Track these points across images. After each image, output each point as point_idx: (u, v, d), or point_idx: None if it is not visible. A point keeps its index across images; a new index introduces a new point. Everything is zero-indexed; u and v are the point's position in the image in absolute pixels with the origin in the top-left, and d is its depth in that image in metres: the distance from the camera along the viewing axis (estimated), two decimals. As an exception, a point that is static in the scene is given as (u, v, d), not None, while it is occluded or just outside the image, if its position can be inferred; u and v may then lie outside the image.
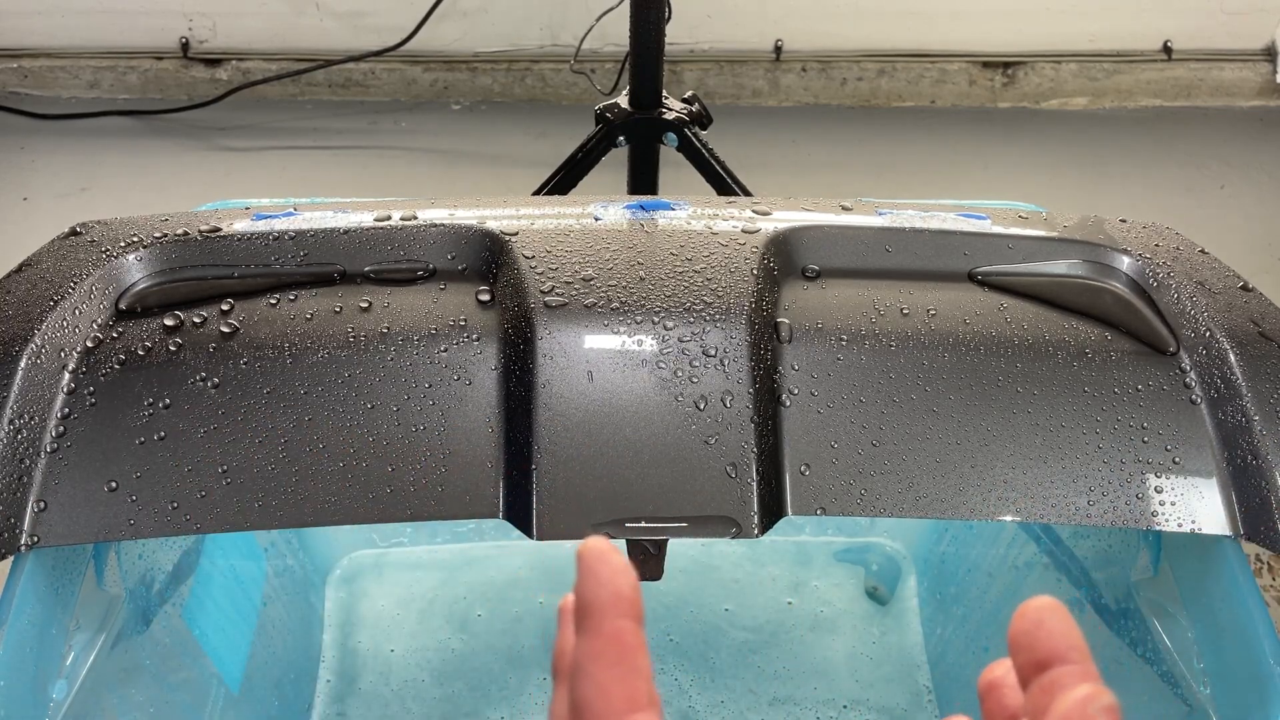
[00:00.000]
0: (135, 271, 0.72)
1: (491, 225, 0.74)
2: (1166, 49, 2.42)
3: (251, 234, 0.74)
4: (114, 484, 0.63)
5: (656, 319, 0.66)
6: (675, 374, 0.65)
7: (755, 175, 1.65)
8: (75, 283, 0.70)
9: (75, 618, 0.68)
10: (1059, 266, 0.76)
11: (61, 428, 0.64)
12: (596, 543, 0.31)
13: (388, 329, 0.67)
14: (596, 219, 0.76)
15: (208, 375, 0.65)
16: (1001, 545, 1.02)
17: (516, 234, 0.72)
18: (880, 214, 0.79)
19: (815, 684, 1.08)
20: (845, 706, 1.06)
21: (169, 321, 0.68)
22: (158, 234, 0.74)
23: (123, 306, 0.70)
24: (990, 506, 0.65)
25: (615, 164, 1.54)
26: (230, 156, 2.23)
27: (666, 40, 1.42)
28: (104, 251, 0.73)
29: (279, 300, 0.70)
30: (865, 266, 0.75)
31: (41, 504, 0.62)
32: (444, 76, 2.40)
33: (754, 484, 0.63)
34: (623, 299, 0.67)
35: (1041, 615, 0.31)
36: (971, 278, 0.75)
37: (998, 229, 0.78)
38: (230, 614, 0.93)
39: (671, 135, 1.47)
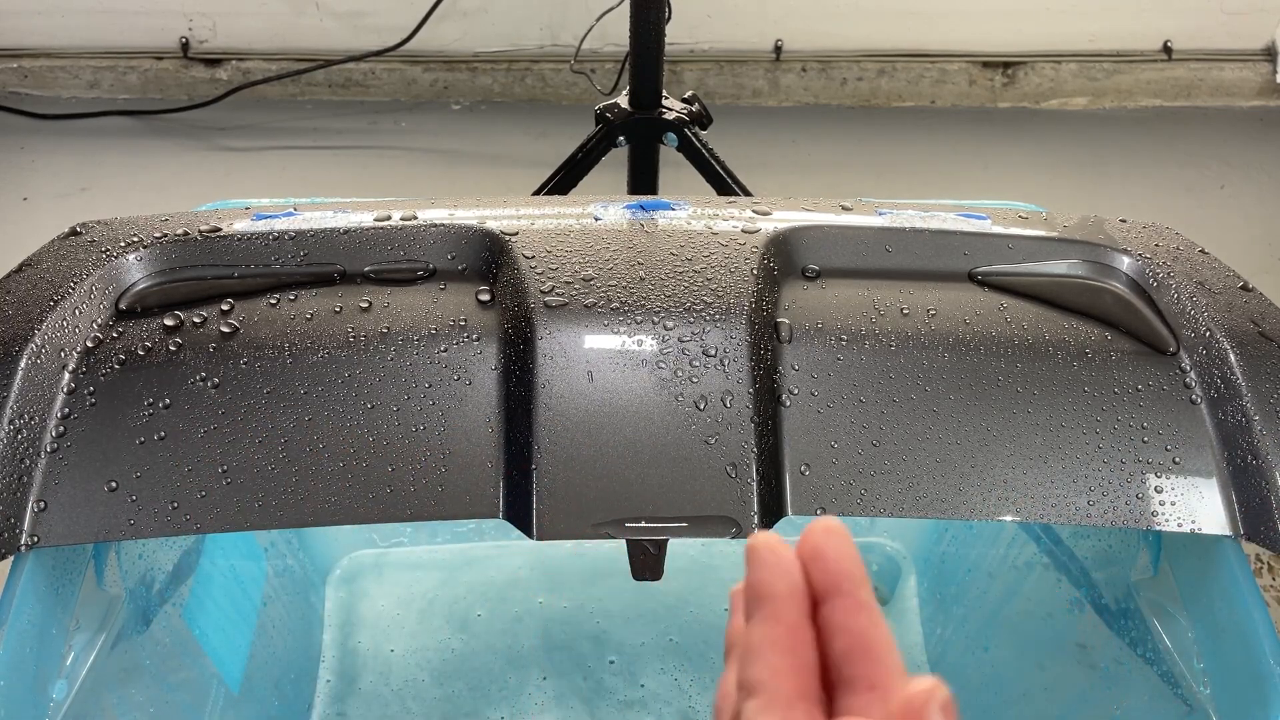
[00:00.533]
0: (135, 271, 0.72)
1: (491, 225, 0.74)
2: (1166, 49, 2.42)
3: (251, 234, 0.74)
4: (114, 484, 0.63)
5: (656, 319, 0.66)
6: (675, 374, 0.65)
7: (755, 175, 1.65)
8: (75, 283, 0.70)
9: (75, 618, 0.68)
10: (1059, 266, 0.76)
11: (61, 428, 0.64)
12: (768, 537, 0.31)
13: (388, 329, 0.67)
14: (596, 219, 0.76)
15: (208, 375, 0.65)
16: (1001, 545, 1.02)
17: (516, 234, 0.72)
18: (880, 214, 0.79)
19: (815, 684, 1.08)
20: (845, 706, 1.06)
21: (169, 321, 0.68)
22: (158, 234, 0.74)
23: (123, 306, 0.70)
24: (990, 506, 0.65)
25: (615, 164, 1.54)
26: (230, 156, 2.23)
27: (666, 40, 1.42)
28: (104, 251, 0.73)
29: (279, 300, 0.70)
30: (865, 266, 0.75)
31: (41, 504, 0.62)
32: (444, 76, 2.40)
33: (754, 484, 0.63)
34: (623, 299, 0.67)
35: (818, 540, 0.31)
36: (971, 278, 0.75)
37: (998, 229, 0.78)
38: (230, 614, 0.93)
39: (671, 135, 1.46)
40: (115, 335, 0.67)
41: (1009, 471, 0.66)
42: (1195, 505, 0.66)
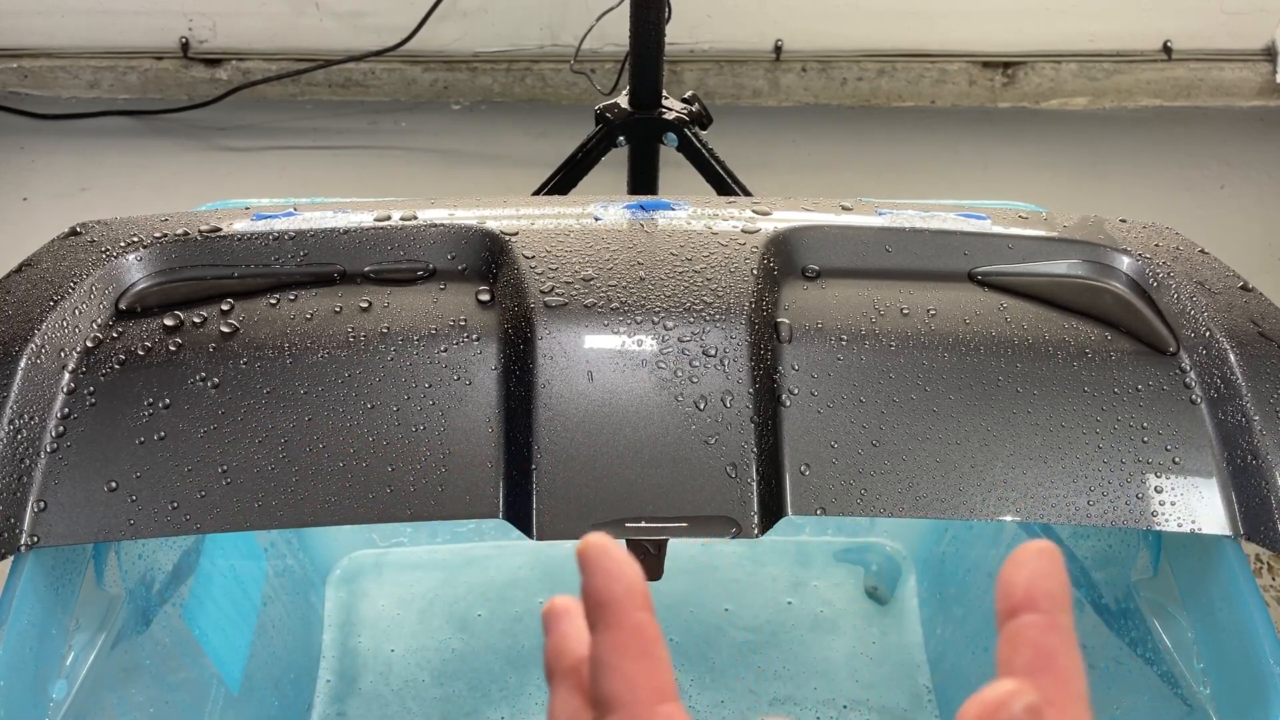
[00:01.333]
0: (135, 271, 0.72)
1: (491, 225, 0.74)
2: (1166, 49, 2.42)
3: (251, 234, 0.74)
4: (114, 484, 0.63)
5: (656, 319, 0.66)
6: (675, 374, 0.65)
7: (755, 175, 1.65)
8: (75, 283, 0.70)
9: (75, 618, 0.68)
10: (1059, 266, 0.77)
11: (61, 428, 0.64)
12: (597, 539, 0.30)
13: (388, 329, 0.67)
14: (596, 219, 0.76)
15: (208, 375, 0.65)
16: (1001, 545, 1.02)
17: (516, 234, 0.72)
18: (880, 214, 0.79)
19: (815, 684, 1.08)
20: (845, 706, 1.06)
21: (169, 321, 0.68)
22: (158, 234, 0.74)
23: (123, 306, 0.70)
24: (990, 506, 0.65)
25: (615, 164, 1.54)
26: (230, 156, 2.23)
27: (666, 40, 1.42)
28: (104, 251, 0.73)
29: (279, 300, 0.70)
30: (865, 266, 0.75)
31: (41, 504, 0.62)
32: (444, 76, 2.40)
33: (754, 484, 0.63)
34: (623, 299, 0.67)
35: (1027, 558, 0.29)
36: (971, 278, 0.75)
37: (998, 229, 0.78)
38: (230, 614, 0.93)
39: (671, 135, 1.47)
40: (115, 335, 0.67)
41: (1009, 471, 0.66)
42: (1195, 505, 0.66)
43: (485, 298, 0.70)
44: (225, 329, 0.68)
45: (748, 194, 1.49)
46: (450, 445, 0.64)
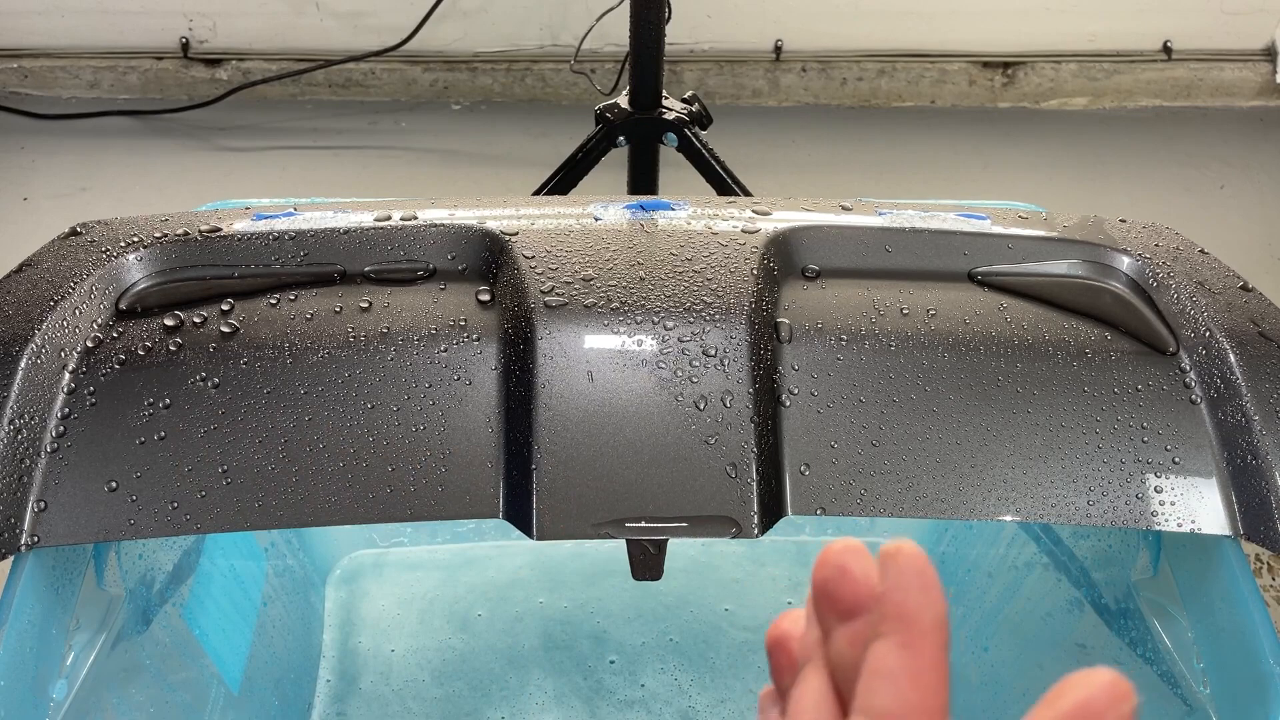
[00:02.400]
0: (135, 271, 0.72)
1: (491, 225, 0.74)
2: (1166, 49, 2.42)
3: (251, 234, 0.74)
4: (114, 484, 0.63)
5: (656, 319, 0.66)
6: (675, 374, 0.65)
7: (755, 175, 1.65)
8: (75, 283, 0.70)
9: (75, 618, 0.68)
10: (1059, 266, 0.77)
11: (61, 428, 0.64)
12: (909, 546, 0.29)
13: (388, 329, 0.67)
14: (596, 219, 0.76)
15: (208, 375, 0.65)
16: (1001, 545, 1.02)
17: (516, 234, 0.72)
18: (880, 214, 0.79)
19: (815, 684, 1.08)
20: (845, 706, 1.06)
21: (169, 321, 0.68)
22: (158, 234, 0.74)
23: (123, 306, 0.70)
24: (990, 506, 0.65)
25: (615, 164, 1.54)
26: (230, 156, 2.23)
27: (666, 40, 1.42)
28: (104, 252, 0.73)
29: (279, 300, 0.70)
30: (865, 266, 0.75)
31: (41, 504, 0.62)
32: (444, 76, 2.40)
33: (754, 484, 0.63)
34: (623, 299, 0.67)
35: (844, 560, 0.29)
36: (971, 278, 0.75)
37: (998, 229, 0.78)
38: (230, 614, 0.93)
39: (671, 135, 1.46)
40: (115, 335, 0.67)
41: (1009, 471, 0.66)
42: (1195, 505, 0.66)
43: (485, 298, 0.70)
44: (225, 329, 0.68)
45: (748, 194, 1.49)
46: (450, 445, 0.64)
